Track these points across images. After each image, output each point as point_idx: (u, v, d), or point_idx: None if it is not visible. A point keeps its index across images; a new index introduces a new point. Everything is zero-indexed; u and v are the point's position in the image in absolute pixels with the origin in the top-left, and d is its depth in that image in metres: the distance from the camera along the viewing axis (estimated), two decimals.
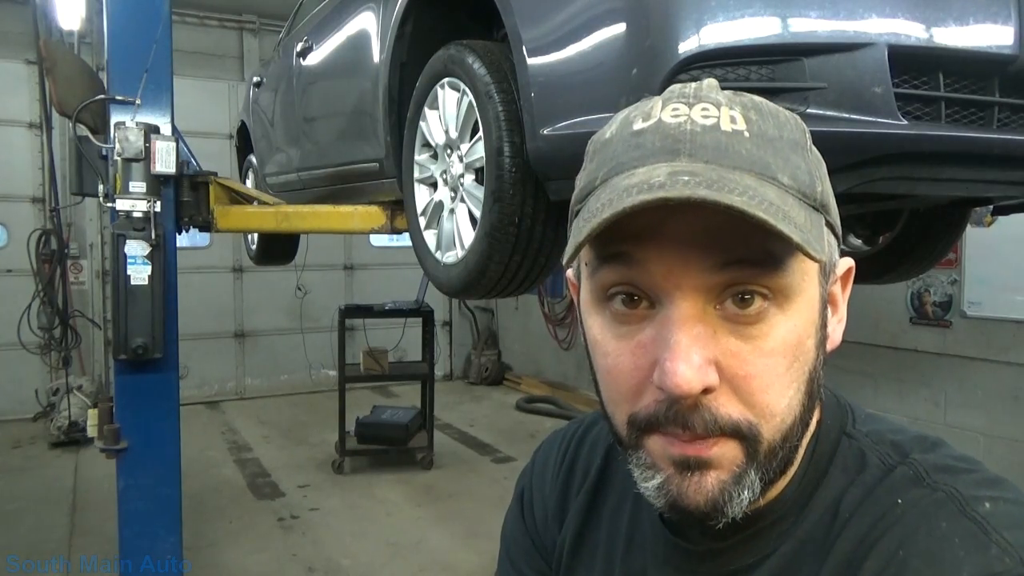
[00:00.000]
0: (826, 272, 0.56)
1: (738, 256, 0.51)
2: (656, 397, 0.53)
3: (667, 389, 0.50)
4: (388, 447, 5.49)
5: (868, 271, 2.57)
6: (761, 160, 0.51)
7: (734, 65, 1.30)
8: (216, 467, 5.56)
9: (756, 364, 0.52)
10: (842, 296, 0.60)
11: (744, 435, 0.52)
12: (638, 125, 0.54)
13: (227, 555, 4.06)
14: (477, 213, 1.84)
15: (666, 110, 0.54)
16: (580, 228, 0.52)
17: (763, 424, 0.53)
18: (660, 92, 0.58)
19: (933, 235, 2.40)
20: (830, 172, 0.59)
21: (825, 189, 0.55)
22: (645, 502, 0.66)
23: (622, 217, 0.48)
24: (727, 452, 0.53)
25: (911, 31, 1.33)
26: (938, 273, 4.38)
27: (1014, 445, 4.13)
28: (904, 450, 0.58)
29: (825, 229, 0.55)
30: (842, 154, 1.29)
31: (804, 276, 0.53)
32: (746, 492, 0.53)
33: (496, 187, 1.72)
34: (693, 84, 0.56)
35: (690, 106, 0.53)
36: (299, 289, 7.44)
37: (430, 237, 2.14)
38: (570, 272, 0.62)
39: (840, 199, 0.61)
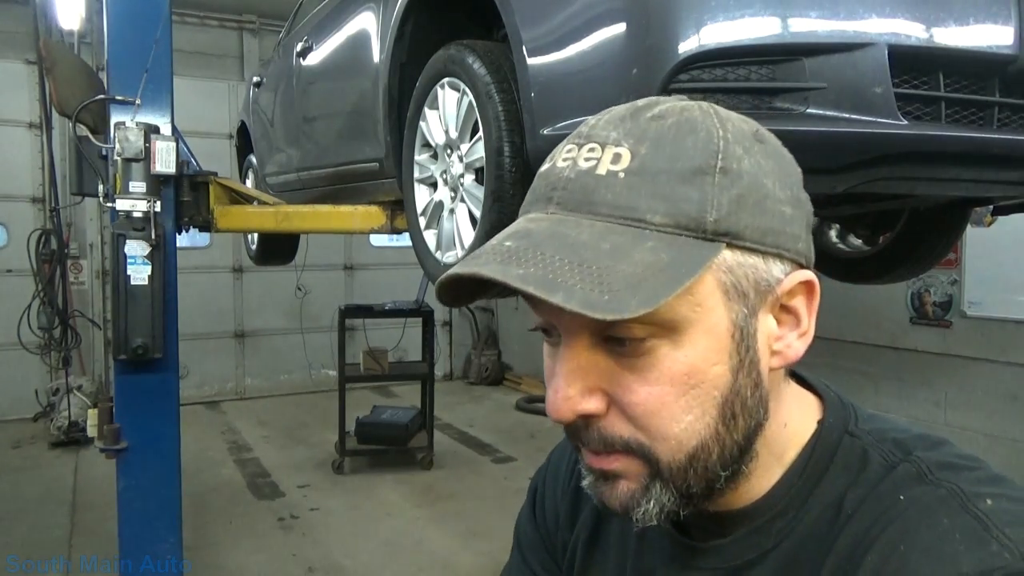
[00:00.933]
0: (742, 292, 0.55)
1: None
2: None
3: (548, 414, 0.56)
4: (388, 447, 5.49)
5: (868, 271, 2.57)
6: (627, 203, 0.52)
7: (734, 65, 1.30)
8: (216, 467, 5.56)
9: (640, 392, 0.54)
10: (806, 308, 0.58)
11: (637, 453, 0.56)
12: (544, 166, 0.58)
13: (227, 555, 4.06)
14: (477, 213, 1.84)
15: (562, 152, 0.57)
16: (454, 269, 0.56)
17: (656, 445, 0.55)
18: (660, 92, 0.58)
19: (933, 235, 2.40)
20: (831, 172, 0.59)
21: (722, 217, 0.53)
22: None
23: None
24: (630, 467, 0.57)
25: (911, 31, 1.33)
26: (938, 273, 4.38)
27: (1014, 445, 4.13)
28: (907, 448, 0.59)
29: (736, 253, 0.54)
30: (842, 154, 1.29)
31: (697, 307, 0.53)
32: (653, 503, 0.56)
33: (496, 187, 1.72)
34: (596, 118, 0.57)
35: (579, 147, 0.55)
36: (299, 289, 7.44)
37: (430, 237, 2.14)
38: None
39: (840, 199, 0.60)
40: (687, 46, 1.28)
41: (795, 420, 0.62)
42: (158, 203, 2.45)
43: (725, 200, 0.53)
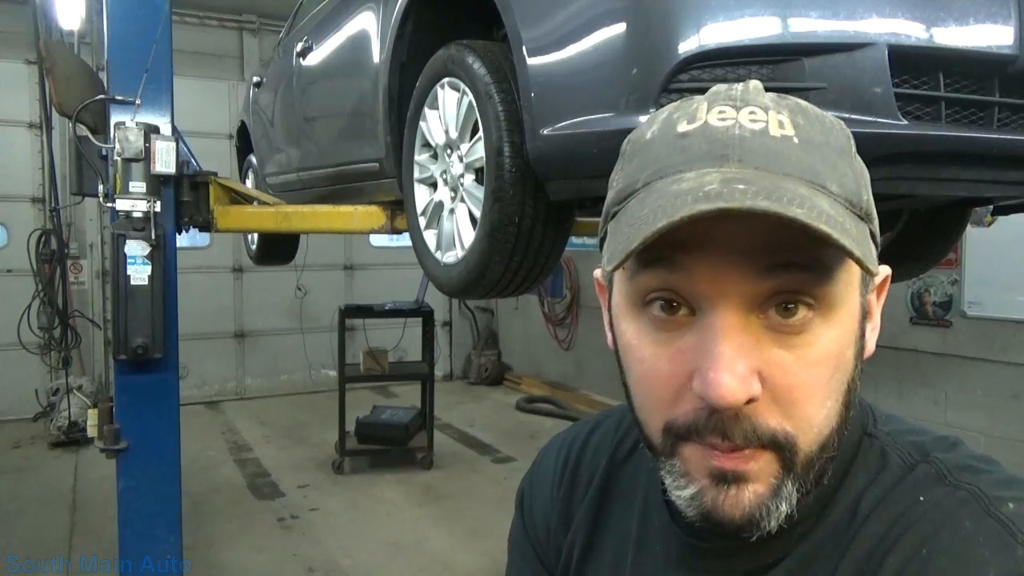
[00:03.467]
0: (866, 281, 0.56)
1: (785, 260, 0.50)
2: (695, 405, 0.52)
3: (710, 400, 0.49)
4: (388, 447, 5.49)
5: None
6: (811, 167, 0.50)
7: (734, 65, 1.30)
8: (216, 467, 5.56)
9: (799, 375, 0.51)
10: (877, 304, 0.59)
11: (781, 446, 0.52)
12: (682, 127, 0.53)
13: (227, 555, 4.06)
14: (477, 213, 1.84)
15: (712, 112, 0.52)
16: (629, 234, 0.50)
17: (800, 436, 0.52)
18: (661, 92, 0.58)
19: (933, 235, 2.40)
20: None
21: (869, 198, 0.54)
22: (654, 502, 0.66)
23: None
24: (764, 466, 0.52)
25: (911, 31, 1.33)
26: (938, 273, 4.38)
27: (1014, 445, 4.13)
28: (925, 449, 0.58)
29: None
30: None
31: (848, 286, 0.53)
32: (784, 505, 0.53)
33: (496, 187, 1.72)
34: (739, 85, 0.54)
35: (737, 109, 0.52)
36: (299, 289, 7.44)
37: (430, 237, 2.14)
38: (598, 272, 0.61)
39: None
40: (687, 46, 1.28)
41: None
42: (158, 203, 2.44)
43: (867, 183, 0.54)
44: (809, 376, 0.51)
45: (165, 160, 2.44)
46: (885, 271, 0.58)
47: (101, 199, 2.52)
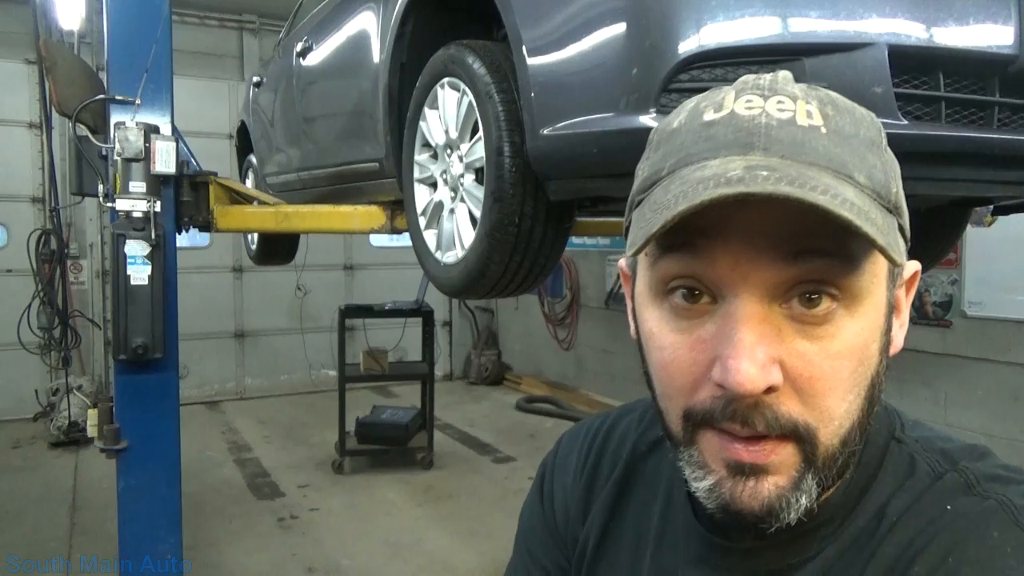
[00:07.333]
0: (894, 276, 0.55)
1: (810, 247, 0.49)
2: (713, 393, 0.51)
3: (729, 387, 0.49)
4: (388, 447, 5.49)
5: None
6: (838, 158, 0.50)
7: (734, 65, 1.30)
8: (216, 467, 5.56)
9: (821, 366, 0.50)
10: (906, 300, 0.58)
11: (802, 437, 0.51)
12: (709, 116, 0.53)
13: (227, 555, 4.06)
14: (477, 213, 1.84)
15: (739, 101, 0.52)
16: (651, 220, 0.50)
17: (821, 428, 0.51)
18: (661, 92, 0.58)
19: (933, 235, 2.40)
20: None
21: (899, 191, 0.54)
22: (677, 498, 0.66)
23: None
24: (785, 458, 0.51)
25: (911, 31, 1.33)
26: (938, 273, 4.38)
27: (1014, 445, 4.13)
28: (953, 458, 0.57)
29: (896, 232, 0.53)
30: None
31: (874, 278, 0.52)
32: (804, 498, 0.52)
33: (496, 187, 1.72)
34: (768, 75, 0.54)
35: (765, 98, 0.52)
36: (299, 289, 7.44)
37: (430, 237, 2.14)
38: (623, 261, 0.61)
39: None
40: (687, 46, 1.28)
41: None
42: (158, 203, 2.44)
43: (897, 176, 0.54)
44: (831, 368, 0.50)
45: (165, 160, 2.44)
46: (914, 266, 0.58)
47: (101, 199, 2.52)
